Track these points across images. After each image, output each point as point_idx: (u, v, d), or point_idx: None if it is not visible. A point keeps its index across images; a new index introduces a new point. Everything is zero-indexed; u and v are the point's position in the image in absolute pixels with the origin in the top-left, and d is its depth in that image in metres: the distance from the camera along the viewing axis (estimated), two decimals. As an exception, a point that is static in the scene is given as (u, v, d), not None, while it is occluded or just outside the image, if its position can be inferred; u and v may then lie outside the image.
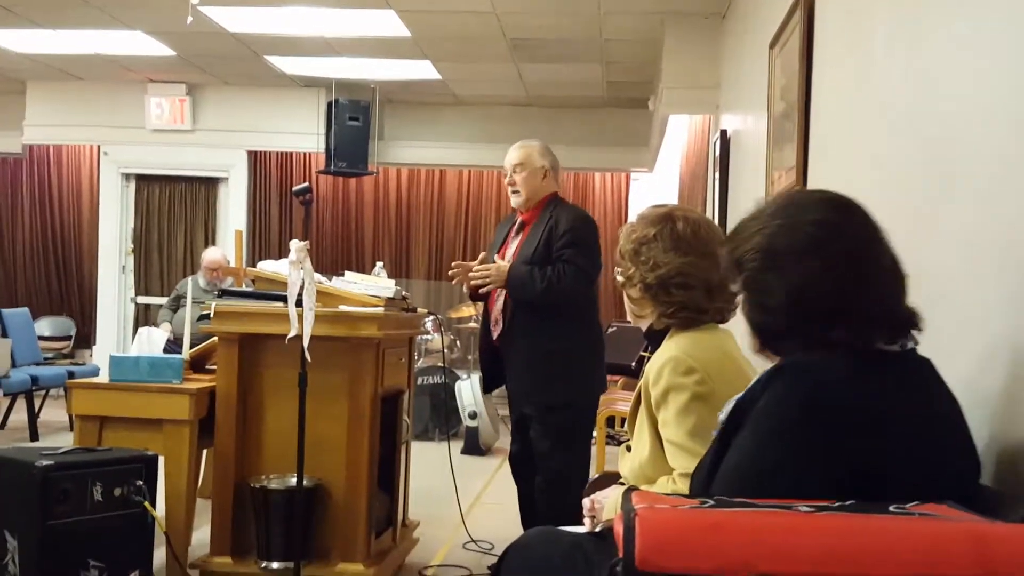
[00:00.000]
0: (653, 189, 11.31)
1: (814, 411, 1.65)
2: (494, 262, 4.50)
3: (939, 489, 1.54)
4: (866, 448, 1.62)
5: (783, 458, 1.64)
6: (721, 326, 2.67)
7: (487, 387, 4.82)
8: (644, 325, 2.70)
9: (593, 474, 4.63)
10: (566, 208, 4.61)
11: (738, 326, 2.74)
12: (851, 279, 1.72)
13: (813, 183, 3.37)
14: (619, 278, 2.70)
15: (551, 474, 4.34)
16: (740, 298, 1.87)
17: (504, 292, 4.44)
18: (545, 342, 4.36)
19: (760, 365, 2.72)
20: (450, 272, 4.59)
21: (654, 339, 2.67)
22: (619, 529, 1.40)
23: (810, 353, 1.74)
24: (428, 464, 6.00)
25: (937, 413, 1.69)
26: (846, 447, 1.62)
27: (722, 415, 1.89)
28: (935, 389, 1.72)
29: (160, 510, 3.97)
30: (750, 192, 4.86)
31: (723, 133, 6.11)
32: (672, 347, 2.52)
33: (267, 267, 4.60)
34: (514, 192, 4.57)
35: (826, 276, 1.73)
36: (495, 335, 4.53)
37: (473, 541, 5.25)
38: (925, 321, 1.75)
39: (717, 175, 6.14)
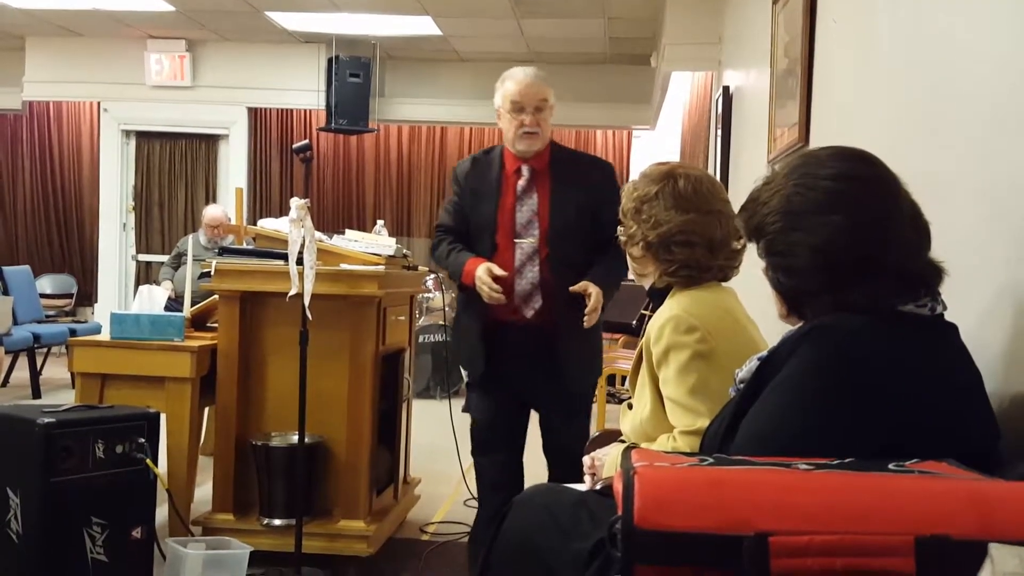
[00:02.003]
0: (655, 147, 11.28)
1: (842, 380, 1.63)
2: (494, 219, 3.89)
3: (958, 458, 1.53)
4: (892, 417, 1.61)
5: (809, 426, 1.63)
6: (724, 284, 2.66)
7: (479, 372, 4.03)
8: (647, 284, 2.70)
9: (593, 432, 4.63)
10: (592, 161, 4.15)
11: (740, 284, 2.74)
12: (873, 230, 1.71)
13: (816, 140, 3.35)
14: (621, 237, 2.69)
15: (571, 439, 3.90)
16: (764, 265, 1.84)
17: (537, 266, 3.85)
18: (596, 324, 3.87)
19: (765, 324, 2.72)
20: (493, 296, 3.73)
21: (657, 297, 2.67)
22: (618, 487, 1.40)
23: (838, 315, 1.72)
24: (429, 421, 6.01)
25: (959, 381, 1.68)
26: (873, 416, 1.61)
27: (741, 372, 1.88)
28: (958, 356, 1.71)
29: (162, 467, 3.98)
30: (752, 149, 4.84)
31: (725, 90, 6.07)
32: (673, 305, 2.52)
33: (268, 225, 4.60)
34: (531, 134, 3.88)
35: (849, 230, 1.71)
36: (528, 314, 3.84)
37: (474, 498, 5.25)
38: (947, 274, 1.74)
39: (719, 132, 6.11)
